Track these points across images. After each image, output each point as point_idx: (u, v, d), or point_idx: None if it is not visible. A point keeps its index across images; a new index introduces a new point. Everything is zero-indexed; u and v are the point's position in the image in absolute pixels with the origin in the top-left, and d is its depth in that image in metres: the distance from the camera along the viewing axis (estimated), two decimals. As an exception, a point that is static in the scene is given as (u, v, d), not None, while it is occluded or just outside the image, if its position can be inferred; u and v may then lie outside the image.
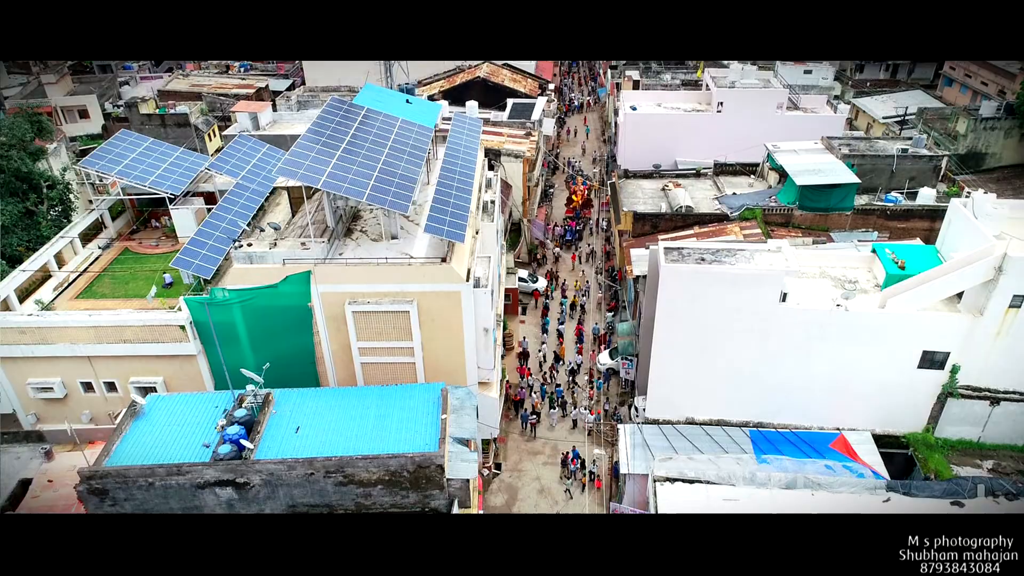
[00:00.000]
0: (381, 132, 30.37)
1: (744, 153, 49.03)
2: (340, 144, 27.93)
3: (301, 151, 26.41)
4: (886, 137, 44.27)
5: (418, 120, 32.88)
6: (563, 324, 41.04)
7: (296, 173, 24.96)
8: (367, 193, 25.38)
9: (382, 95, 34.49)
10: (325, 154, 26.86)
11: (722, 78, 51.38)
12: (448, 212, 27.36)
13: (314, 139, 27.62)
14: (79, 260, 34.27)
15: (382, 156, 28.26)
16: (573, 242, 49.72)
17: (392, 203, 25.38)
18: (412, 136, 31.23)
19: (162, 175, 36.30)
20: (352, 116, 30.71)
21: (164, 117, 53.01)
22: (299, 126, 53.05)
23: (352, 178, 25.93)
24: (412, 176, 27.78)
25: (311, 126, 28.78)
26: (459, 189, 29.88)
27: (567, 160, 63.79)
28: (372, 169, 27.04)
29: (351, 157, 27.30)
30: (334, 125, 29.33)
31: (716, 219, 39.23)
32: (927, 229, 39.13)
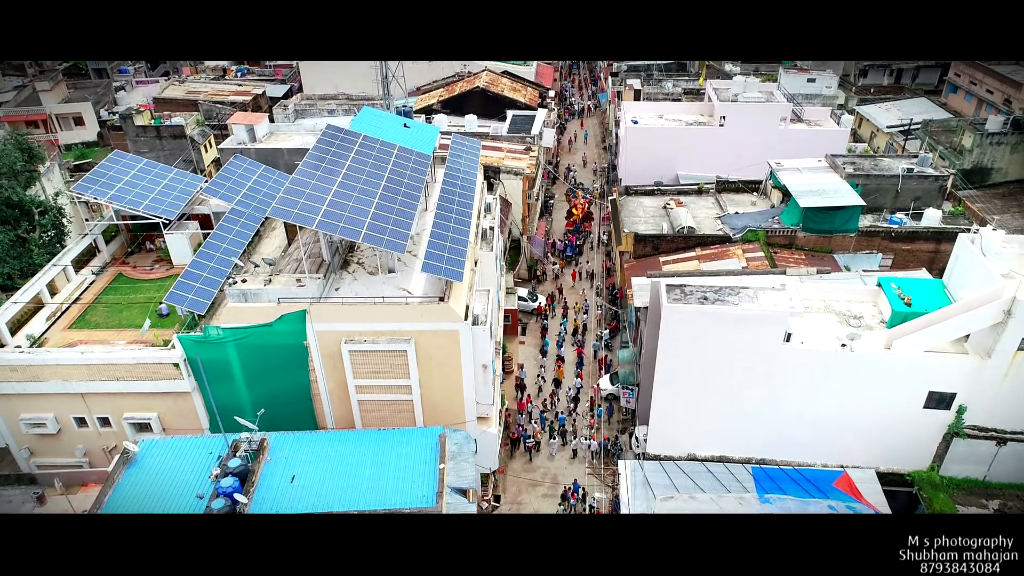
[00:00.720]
0: (378, 162, 29.80)
1: (747, 168, 48.54)
2: (336, 177, 27.38)
3: (295, 187, 25.87)
4: (891, 155, 43.65)
5: (416, 147, 32.30)
6: (563, 346, 40.56)
7: (291, 213, 24.42)
8: (363, 233, 24.87)
9: (379, 120, 33.88)
10: (320, 189, 26.32)
11: (725, 90, 50.73)
12: (446, 247, 26.84)
13: (309, 173, 27.07)
14: (72, 287, 33.77)
15: (379, 190, 27.71)
16: (573, 258, 49.19)
17: (389, 243, 24.86)
18: (410, 165, 30.67)
19: (156, 199, 35.75)
20: (348, 145, 30.14)
21: (159, 129, 52.45)
22: (296, 138, 52.58)
23: (348, 215, 25.41)
24: (409, 211, 27.25)
25: (306, 158, 28.21)
26: (457, 220, 29.35)
27: (567, 168, 63.19)
28: (368, 204, 26.51)
29: (347, 192, 26.75)
30: (330, 156, 28.77)
31: (718, 241, 38.72)
32: (932, 251, 38.72)
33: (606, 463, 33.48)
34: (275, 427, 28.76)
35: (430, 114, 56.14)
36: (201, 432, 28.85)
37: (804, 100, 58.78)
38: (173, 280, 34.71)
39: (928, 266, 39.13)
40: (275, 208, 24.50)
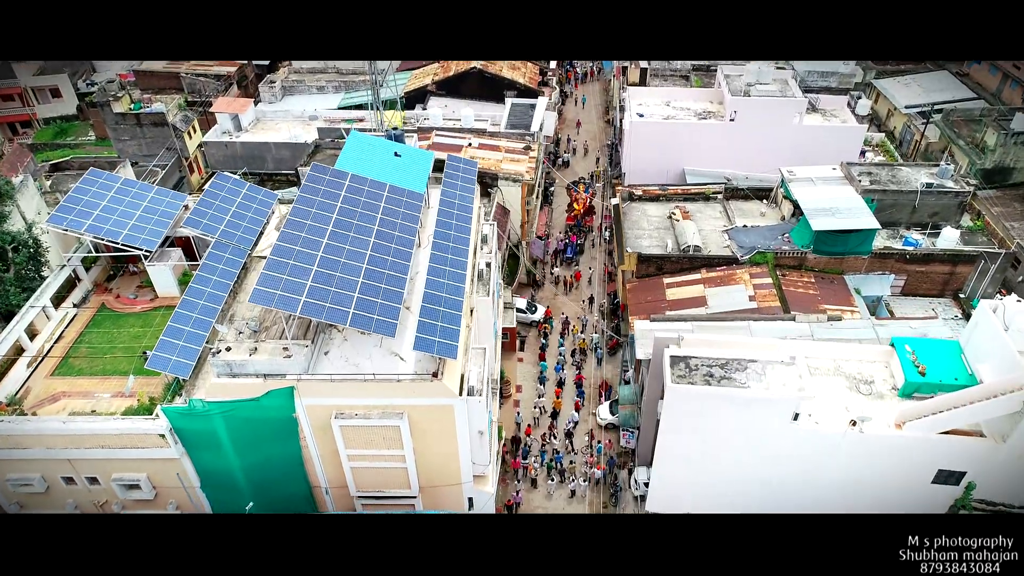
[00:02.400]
0: (367, 210, 28.03)
1: (758, 166, 46.38)
2: (321, 239, 25.75)
3: (278, 260, 24.30)
4: (910, 164, 41.34)
5: (408, 183, 30.40)
6: (563, 368, 39.61)
7: (272, 297, 22.97)
8: (350, 314, 23.48)
9: (368, 148, 31.73)
10: (304, 258, 24.77)
11: (737, 76, 47.78)
12: (439, 314, 25.47)
13: (293, 237, 25.40)
14: (53, 325, 32.55)
15: (367, 251, 26.12)
16: (574, 258, 47.59)
17: (378, 325, 23.52)
18: (401, 211, 28.90)
19: (136, 226, 33.94)
20: (335, 190, 28.27)
21: (140, 116, 49.81)
22: (283, 126, 50.21)
23: (335, 291, 23.95)
24: (401, 276, 25.77)
25: (290, 215, 26.44)
26: (452, 274, 27.81)
27: (569, 143, 60.55)
28: (356, 273, 24.99)
29: (333, 259, 25.19)
30: (315, 208, 26.98)
31: (725, 262, 37.14)
32: (947, 273, 37.28)
33: (604, 502, 33.14)
34: (268, 488, 28.35)
35: (424, 97, 53.30)
36: (194, 490, 28.38)
37: (820, 77, 55.69)
38: (158, 314, 33.87)
39: (942, 288, 37.89)
40: (256, 292, 23.00)
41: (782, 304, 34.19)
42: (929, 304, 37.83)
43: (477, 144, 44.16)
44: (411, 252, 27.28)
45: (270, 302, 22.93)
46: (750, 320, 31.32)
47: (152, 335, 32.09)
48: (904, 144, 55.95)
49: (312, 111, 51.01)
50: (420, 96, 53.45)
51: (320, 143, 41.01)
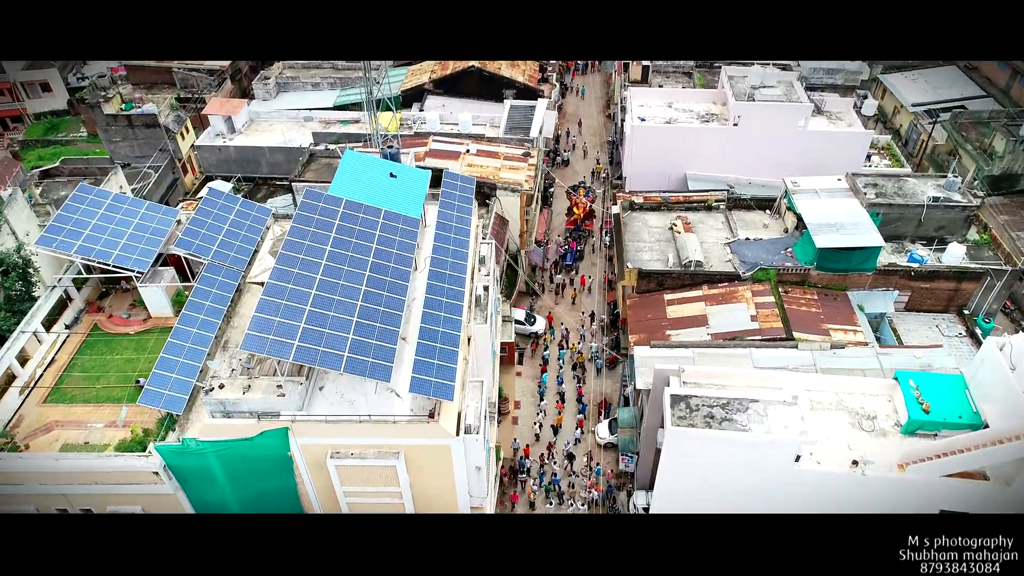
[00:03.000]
0: (362, 239, 27.41)
1: (761, 171, 45.61)
2: (315, 275, 25.17)
3: (270, 300, 23.75)
4: (917, 175, 40.49)
5: (404, 207, 29.73)
6: (562, 381, 39.25)
7: (264, 343, 22.46)
8: (344, 359, 23.01)
9: (363, 169, 30.97)
10: (298, 296, 24.22)
11: (740, 78, 46.69)
12: (436, 351, 25.00)
13: (285, 273, 24.81)
14: (44, 348, 32.10)
15: (362, 284, 25.57)
16: (573, 265, 46.98)
17: (373, 369, 23.06)
18: (397, 236, 28.28)
19: (127, 245, 33.31)
20: (329, 218, 27.62)
21: (131, 118, 48.82)
22: (277, 127, 49.28)
23: (328, 333, 23.44)
24: (396, 315, 25.26)
25: (283, 248, 25.82)
26: (449, 305, 27.26)
27: (569, 138, 59.56)
28: (351, 312, 24.47)
29: (327, 295, 24.65)
30: (308, 241, 26.35)
31: (727, 278, 36.55)
32: (952, 289, 36.72)
33: (603, 524, 33.03)
34: (263, 520, 28.13)
35: (421, 96, 52.21)
36: (188, 521, 28.16)
37: (825, 75, 54.57)
38: (151, 336, 33.40)
39: (946, 303, 37.39)
40: (248, 337, 22.49)
41: (784, 325, 33.70)
42: (933, 320, 37.40)
43: (475, 150, 43.27)
44: (407, 285, 26.73)
45: (262, 348, 22.42)
46: (752, 347, 30.82)
47: (146, 359, 31.72)
48: (910, 143, 55.00)
49: (307, 112, 49.95)
50: (417, 95, 52.35)
51: (314, 152, 40.15)
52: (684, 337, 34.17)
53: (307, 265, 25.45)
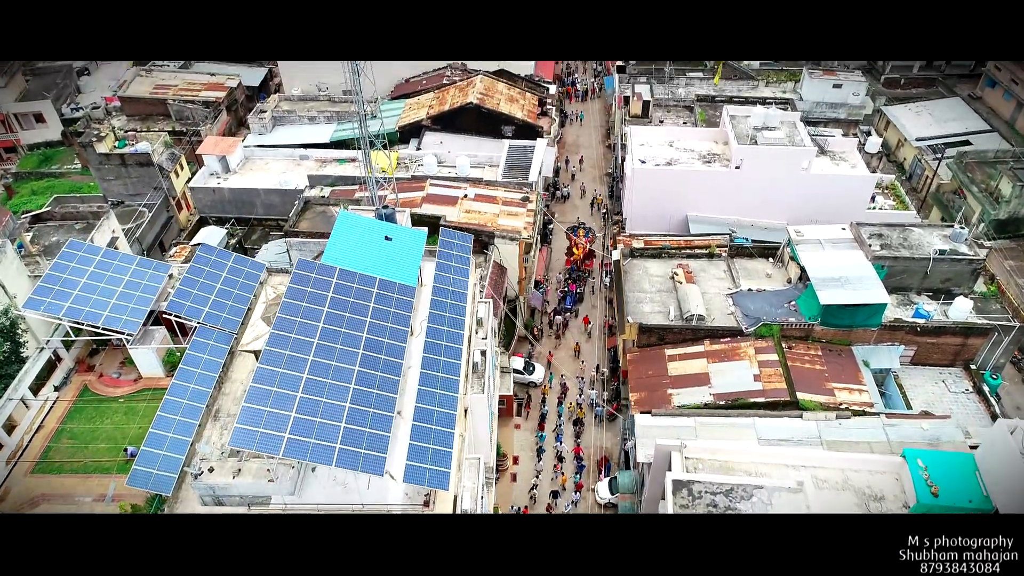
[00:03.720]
0: (355, 312, 26.72)
1: (764, 213, 45.01)
2: (307, 356, 24.48)
3: (259, 387, 23.02)
4: (923, 224, 39.78)
5: (399, 273, 29.05)
6: (562, 439, 38.54)
7: (253, 438, 21.76)
8: (336, 452, 22.30)
9: (358, 232, 30.27)
10: (288, 382, 23.52)
11: (743, 118, 46.00)
12: (431, 436, 24.28)
13: (276, 356, 24.11)
14: (33, 414, 31.48)
15: (356, 365, 24.87)
16: (572, 309, 46.29)
17: (366, 462, 22.34)
18: (392, 308, 27.59)
19: (117, 305, 32.71)
20: (321, 291, 26.93)
21: (124, 157, 48.14)
22: (273, 166, 48.62)
23: (319, 424, 22.74)
24: (391, 398, 24.55)
25: (274, 327, 25.10)
26: (445, 381, 26.55)
27: (568, 166, 58.92)
28: (344, 397, 23.78)
29: (320, 379, 23.95)
30: (300, 318, 25.65)
31: (729, 333, 35.85)
32: (959, 345, 36.00)
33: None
34: None
35: (419, 131, 51.54)
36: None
37: (828, 109, 53.91)
38: (142, 399, 32.78)
39: (953, 358, 36.67)
40: (237, 432, 21.77)
41: (788, 386, 33.01)
42: (939, 375, 36.68)
43: (473, 195, 42.61)
44: (402, 363, 26.02)
45: (251, 443, 21.72)
46: (755, 416, 30.13)
47: (137, 426, 31.18)
48: (914, 178, 54.36)
49: (303, 151, 49.28)
50: (415, 131, 51.69)
51: (309, 199, 39.46)
52: (686, 397, 33.50)
53: (299, 345, 24.75)
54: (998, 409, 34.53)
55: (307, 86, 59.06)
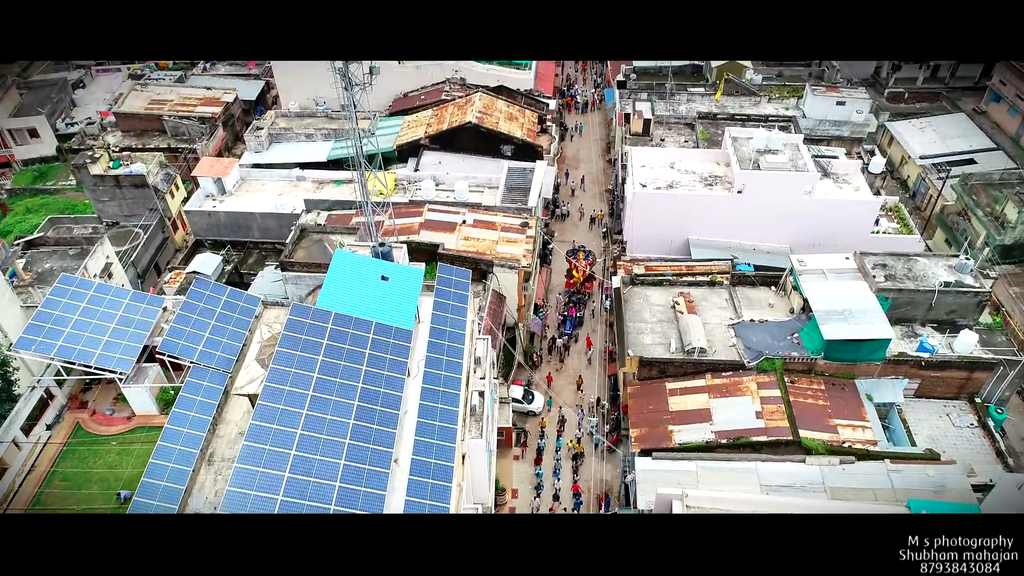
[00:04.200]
0: (351, 360, 26.26)
1: (766, 237, 44.53)
2: (301, 410, 24.04)
3: (253, 446, 22.59)
4: (928, 255, 39.23)
5: (395, 316, 28.58)
6: (560, 474, 38.09)
7: (246, 500, 21.29)
8: (333, 501, 21.89)
9: (354, 272, 29.77)
10: (282, 439, 23.08)
11: (745, 140, 45.43)
12: (428, 491, 23.90)
13: (270, 411, 23.65)
14: (24, 456, 31.00)
15: (351, 418, 24.43)
16: (572, 334, 45.81)
17: (363, 506, 21.93)
18: (388, 355, 27.12)
19: (109, 343, 32.15)
20: (316, 337, 26.45)
21: (119, 179, 47.58)
22: (270, 186, 48.09)
23: (315, 482, 22.29)
24: (387, 452, 24.11)
25: (267, 379, 24.64)
26: (442, 430, 26.13)
27: (568, 179, 58.40)
28: (339, 453, 23.36)
29: (314, 435, 23.51)
30: (294, 368, 25.18)
31: (731, 367, 35.38)
32: (963, 379, 35.56)
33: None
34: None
35: (417, 151, 50.94)
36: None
37: (831, 127, 53.30)
38: (136, 439, 32.27)
39: (957, 391, 36.23)
40: (229, 495, 21.31)
41: (790, 424, 32.59)
42: (944, 408, 36.26)
43: (472, 220, 42.06)
44: (398, 414, 25.57)
45: (244, 505, 21.27)
46: (758, 460, 29.68)
47: (131, 468, 30.71)
48: (918, 196, 53.79)
49: (299, 171, 48.70)
50: (413, 150, 51.08)
51: (305, 227, 38.92)
52: (687, 435, 33.07)
53: (292, 398, 24.29)
54: (1003, 445, 34.15)
55: (304, 100, 58.36)
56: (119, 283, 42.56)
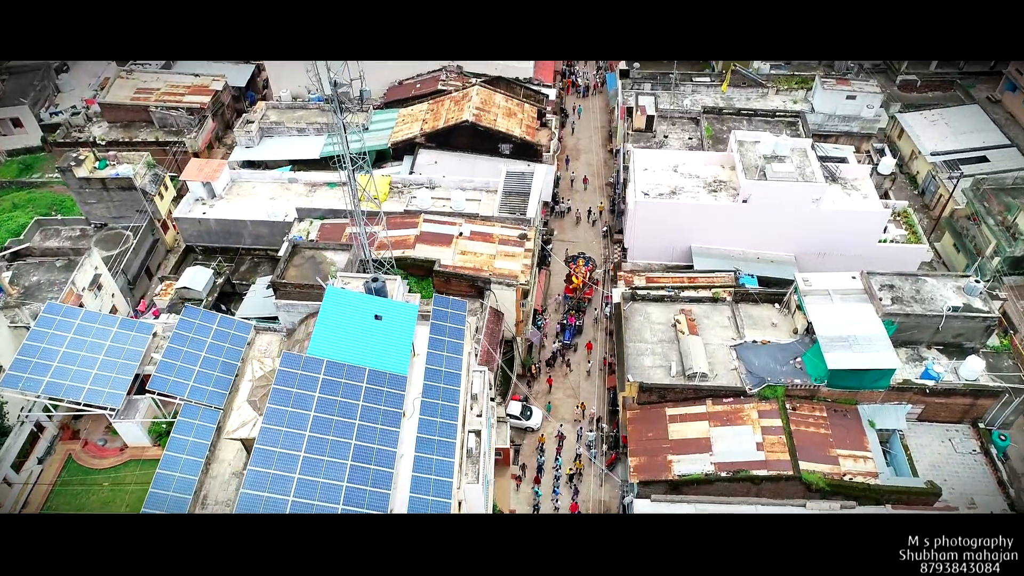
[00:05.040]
0: (344, 414, 25.64)
1: (770, 246, 43.56)
2: (293, 473, 23.52)
3: (251, 496, 22.14)
4: (936, 274, 38.15)
5: (389, 362, 27.84)
6: (559, 493, 37.93)
7: None
8: None
9: (346, 312, 28.86)
10: (277, 486, 22.73)
11: (751, 144, 43.93)
12: (423, 553, 23.52)
13: (262, 477, 23.13)
14: (16, 494, 30.71)
15: (344, 480, 23.91)
16: (572, 344, 45.15)
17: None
18: (381, 406, 26.49)
19: (98, 376, 31.63)
20: (308, 388, 25.75)
21: (105, 181, 46.22)
22: (260, 190, 46.82)
23: (307, 555, 21.88)
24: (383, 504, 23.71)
25: (259, 438, 24.04)
26: (437, 485, 25.69)
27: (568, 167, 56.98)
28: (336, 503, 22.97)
29: (307, 501, 23.04)
30: (286, 428, 24.57)
31: (732, 393, 34.81)
32: (969, 405, 35.04)
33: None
34: None
35: (413, 148, 49.43)
36: None
37: (840, 122, 51.60)
38: (129, 473, 31.97)
39: (961, 416, 35.77)
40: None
41: (791, 457, 32.19)
42: (946, 433, 35.83)
43: (468, 232, 40.93)
44: (392, 473, 25.02)
45: None
46: (757, 503, 29.35)
47: (125, 504, 30.52)
48: (927, 195, 52.44)
49: (291, 173, 47.29)
50: (409, 148, 49.56)
51: (297, 243, 37.80)
52: (686, 466, 32.71)
53: (284, 461, 23.72)
54: (1004, 474, 33.86)
55: (296, 88, 56.37)
56: (109, 293, 41.80)
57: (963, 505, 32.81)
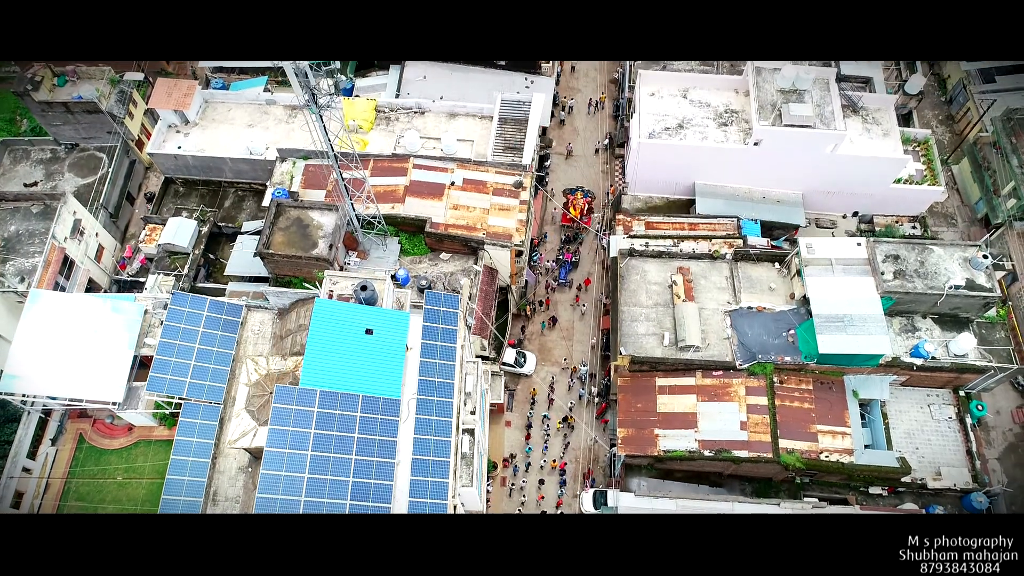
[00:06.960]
0: (341, 444, 26.44)
1: (779, 187, 41.77)
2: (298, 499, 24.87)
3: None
4: (943, 244, 36.28)
5: (382, 384, 28.11)
6: (549, 440, 39.85)
7: None
8: None
9: (337, 328, 28.40)
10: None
11: (770, 72, 40.04)
12: None
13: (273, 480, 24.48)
14: (34, 481, 32.41)
15: (347, 499, 25.34)
16: (568, 281, 44.68)
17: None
18: (377, 432, 27.20)
19: (95, 368, 31.90)
20: (304, 427, 26.32)
21: (68, 105, 42.87)
22: (237, 115, 43.57)
23: None
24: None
25: (260, 480, 25.01)
26: (434, 505, 27.23)
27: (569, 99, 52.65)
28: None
29: (310, 548, 24.57)
30: (284, 471, 25.47)
31: (723, 367, 35.38)
32: (953, 377, 35.81)
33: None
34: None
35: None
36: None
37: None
38: (139, 453, 33.46)
39: (944, 384, 36.67)
40: None
41: (772, 439, 33.70)
42: (927, 399, 37.10)
43: (461, 180, 38.76)
44: (389, 507, 26.35)
45: None
46: (735, 501, 31.13)
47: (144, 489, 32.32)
48: (955, 104, 48.74)
49: (268, 95, 43.46)
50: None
51: (281, 202, 35.80)
52: (672, 441, 34.32)
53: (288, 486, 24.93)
54: (974, 446, 35.54)
55: None
56: (93, 233, 40.71)
57: (930, 476, 34.90)
